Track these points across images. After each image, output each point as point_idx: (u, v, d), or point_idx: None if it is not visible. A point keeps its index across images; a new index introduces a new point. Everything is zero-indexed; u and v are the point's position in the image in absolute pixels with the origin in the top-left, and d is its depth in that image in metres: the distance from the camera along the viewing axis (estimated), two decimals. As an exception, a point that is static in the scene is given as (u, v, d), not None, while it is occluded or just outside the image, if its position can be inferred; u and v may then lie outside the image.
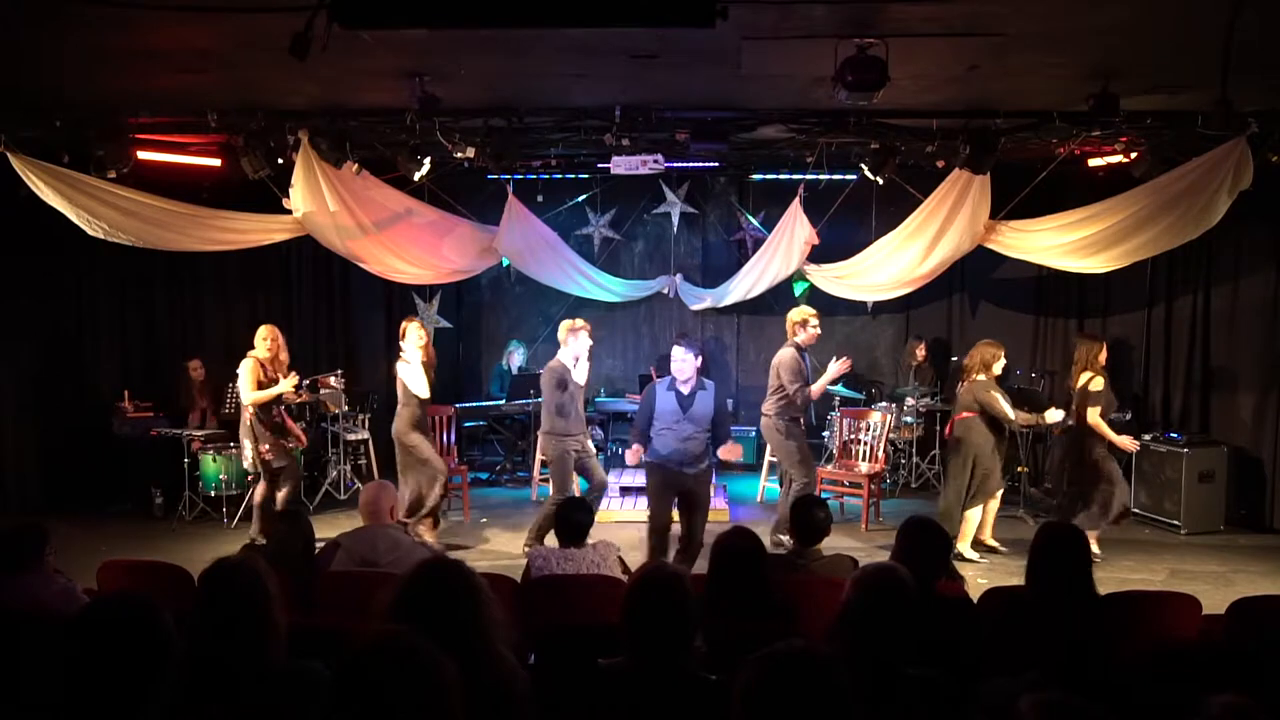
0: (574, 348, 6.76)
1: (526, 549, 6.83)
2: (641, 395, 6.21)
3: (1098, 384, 6.61)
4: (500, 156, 7.14)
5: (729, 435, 6.10)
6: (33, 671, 2.07)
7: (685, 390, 5.83)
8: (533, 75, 5.85)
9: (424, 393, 6.77)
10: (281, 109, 6.73)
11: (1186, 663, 3.17)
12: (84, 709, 1.95)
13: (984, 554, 6.84)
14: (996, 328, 8.78)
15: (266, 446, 6.75)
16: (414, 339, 6.77)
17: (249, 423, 6.75)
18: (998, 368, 6.76)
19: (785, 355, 6.87)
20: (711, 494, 6.29)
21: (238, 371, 6.85)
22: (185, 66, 5.53)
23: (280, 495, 6.88)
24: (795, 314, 7.04)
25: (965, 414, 6.77)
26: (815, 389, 6.91)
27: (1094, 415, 6.58)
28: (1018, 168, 7.49)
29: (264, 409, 6.78)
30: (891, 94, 5.26)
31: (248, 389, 6.72)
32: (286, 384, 6.81)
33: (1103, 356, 6.71)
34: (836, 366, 6.92)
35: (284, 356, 6.94)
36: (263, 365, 6.78)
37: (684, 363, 5.83)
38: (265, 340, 6.84)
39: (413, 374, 6.75)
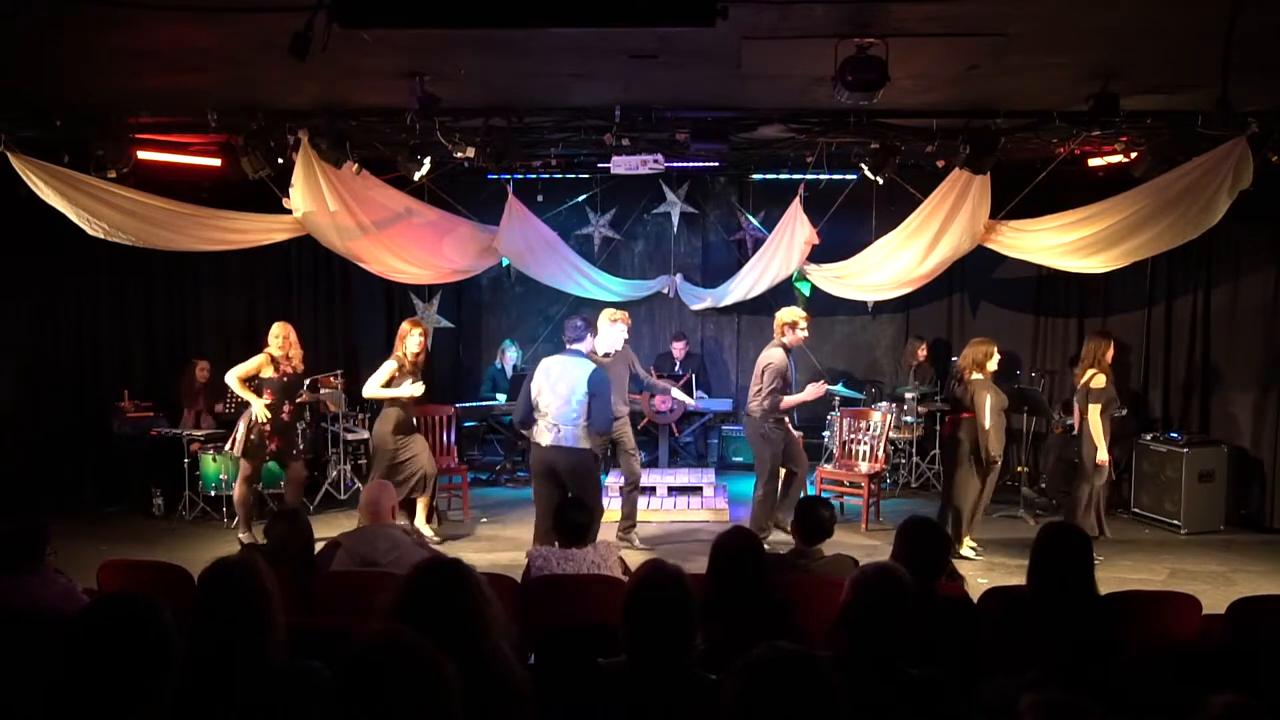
0: (607, 337, 6.72)
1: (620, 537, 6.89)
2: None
3: (1099, 381, 6.61)
4: (500, 156, 7.13)
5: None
6: (33, 671, 2.06)
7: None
8: (533, 75, 5.85)
9: (367, 391, 6.81)
10: (281, 109, 6.73)
11: (1186, 663, 3.17)
12: (84, 709, 1.95)
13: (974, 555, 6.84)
14: (996, 328, 8.78)
15: (253, 437, 6.75)
16: (412, 345, 6.81)
17: (251, 410, 6.77)
18: (991, 365, 6.71)
19: (774, 357, 6.79)
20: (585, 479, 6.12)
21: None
22: (185, 66, 5.53)
23: (237, 485, 6.93)
24: (785, 314, 6.92)
25: (964, 414, 6.77)
26: (787, 401, 6.82)
27: (1094, 413, 6.58)
28: (1018, 168, 7.48)
29: (272, 407, 6.78)
30: (891, 94, 5.25)
31: (236, 371, 6.73)
32: (258, 405, 6.74)
33: (1109, 354, 6.70)
34: (813, 389, 6.90)
35: (295, 353, 6.95)
36: (274, 361, 6.79)
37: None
38: (278, 338, 6.86)
39: (380, 372, 6.77)
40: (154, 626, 2.03)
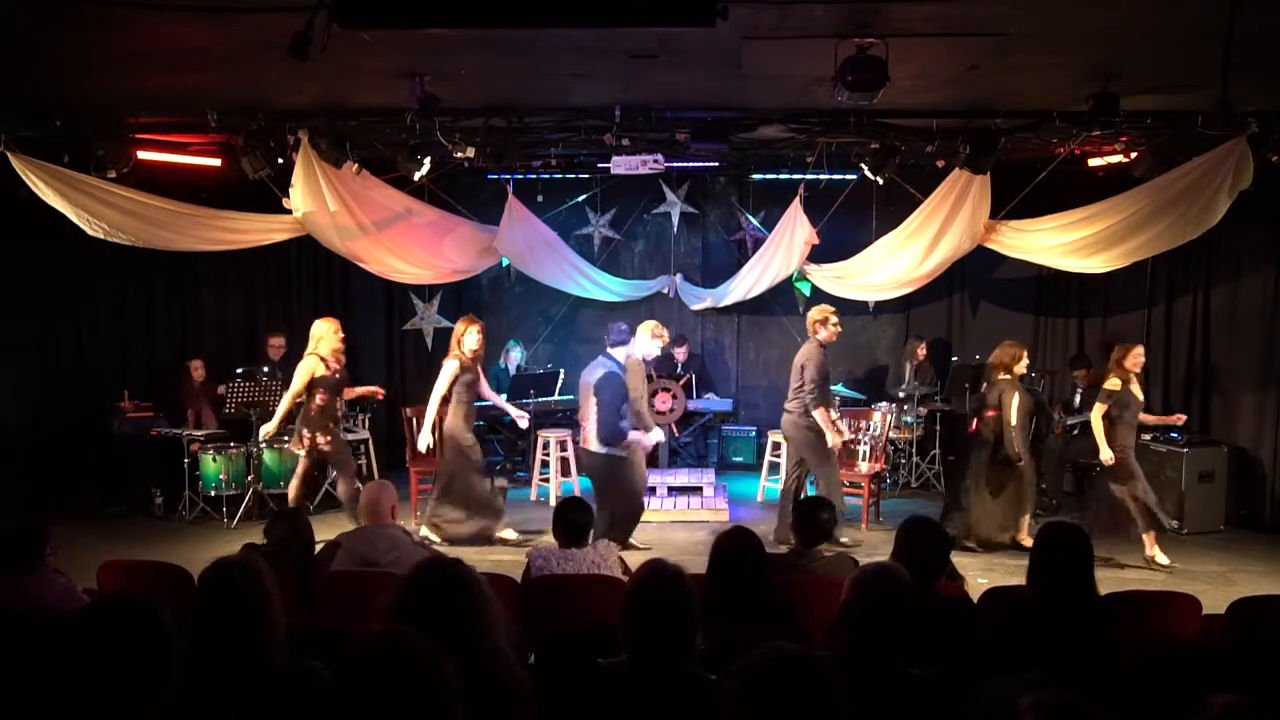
0: (643, 348, 6.64)
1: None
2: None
3: (1112, 384, 6.66)
4: (500, 156, 7.13)
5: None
6: (33, 671, 2.07)
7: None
8: (533, 75, 5.85)
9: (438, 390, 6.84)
10: (281, 109, 6.73)
11: (1186, 663, 3.17)
12: (84, 709, 1.95)
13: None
14: (996, 328, 8.78)
15: (326, 438, 6.68)
16: (471, 341, 6.84)
17: (311, 413, 6.65)
18: (1019, 368, 6.86)
19: (813, 353, 6.89)
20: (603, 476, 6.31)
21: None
22: (185, 66, 5.53)
23: (341, 488, 6.87)
24: (816, 312, 7.05)
25: (990, 412, 6.84)
26: (822, 419, 6.83)
27: (1096, 413, 6.62)
28: (1018, 168, 7.49)
29: (326, 404, 6.71)
30: (891, 94, 5.26)
31: (296, 384, 6.62)
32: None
33: (1129, 361, 6.67)
34: (837, 440, 6.97)
35: (340, 347, 6.87)
36: (324, 361, 6.68)
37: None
38: (336, 334, 6.72)
39: (443, 378, 6.83)
40: (154, 626, 2.03)
